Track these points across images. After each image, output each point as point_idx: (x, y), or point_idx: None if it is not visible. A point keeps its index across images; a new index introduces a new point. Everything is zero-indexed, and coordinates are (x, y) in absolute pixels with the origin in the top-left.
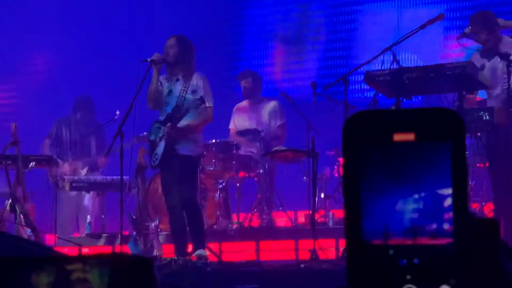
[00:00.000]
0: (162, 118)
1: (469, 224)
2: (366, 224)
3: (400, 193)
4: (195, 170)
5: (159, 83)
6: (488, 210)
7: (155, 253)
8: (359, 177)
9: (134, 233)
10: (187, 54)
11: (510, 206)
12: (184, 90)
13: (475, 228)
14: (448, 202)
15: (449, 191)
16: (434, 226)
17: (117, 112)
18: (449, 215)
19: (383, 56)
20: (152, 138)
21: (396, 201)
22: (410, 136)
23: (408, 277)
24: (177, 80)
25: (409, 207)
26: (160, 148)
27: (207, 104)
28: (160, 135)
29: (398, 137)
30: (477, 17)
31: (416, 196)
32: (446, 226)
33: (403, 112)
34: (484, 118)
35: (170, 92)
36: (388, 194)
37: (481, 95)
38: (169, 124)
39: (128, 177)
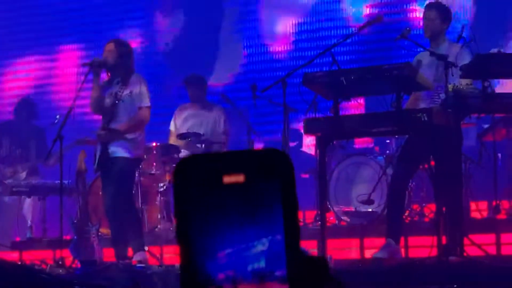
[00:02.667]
0: (104, 121)
1: (301, 265)
2: (206, 268)
3: (237, 235)
4: (132, 172)
5: (100, 88)
6: (428, 211)
7: (96, 256)
8: (194, 221)
9: (75, 237)
10: (125, 58)
11: (450, 207)
12: (120, 92)
13: (306, 267)
14: (281, 243)
15: (281, 232)
16: (280, 270)
17: (57, 116)
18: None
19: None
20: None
21: (235, 244)
22: (240, 178)
23: None
24: (117, 83)
25: (251, 250)
26: (98, 151)
27: (143, 105)
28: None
29: (227, 179)
30: (435, 6)
31: (254, 238)
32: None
33: (232, 154)
34: (423, 119)
35: (110, 95)
36: (226, 237)
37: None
38: (101, 126)
39: (69, 181)
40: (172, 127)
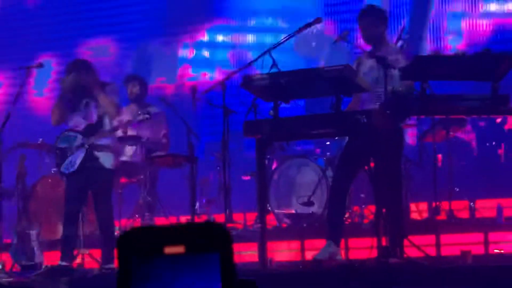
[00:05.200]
0: (78, 128)
1: None
2: None
3: None
4: (111, 181)
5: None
6: (368, 213)
7: (36, 260)
8: None
9: (15, 241)
10: (89, 75)
11: (390, 209)
12: (98, 107)
13: None
14: None
15: None
16: None
17: None
18: None
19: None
20: (63, 145)
21: None
22: (180, 249)
23: None
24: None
25: None
26: (77, 156)
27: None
28: (77, 144)
29: (169, 249)
30: (369, 11)
31: None
32: None
33: (174, 226)
34: (362, 121)
35: (88, 104)
36: None
37: None
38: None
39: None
40: None
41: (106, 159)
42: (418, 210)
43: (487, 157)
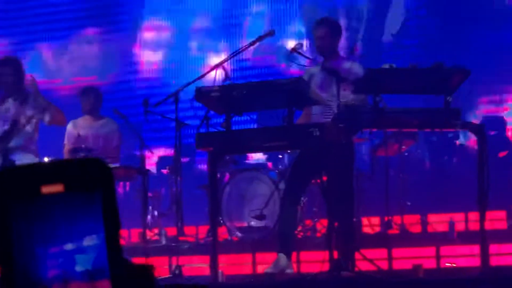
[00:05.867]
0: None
1: (122, 267)
2: (32, 272)
3: (61, 240)
4: None
5: None
6: (321, 226)
7: None
8: (15, 230)
9: None
10: (21, 76)
11: (342, 222)
12: (21, 106)
13: (130, 272)
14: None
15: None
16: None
17: None
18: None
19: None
20: None
21: (61, 248)
22: (59, 187)
23: None
24: (14, 99)
25: (78, 252)
26: None
27: (47, 118)
28: None
29: (46, 189)
30: (324, 23)
31: (79, 242)
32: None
33: (51, 164)
34: (315, 134)
35: (6, 111)
36: (50, 243)
37: None
38: (9, 139)
39: None
40: (65, 141)
41: (22, 160)
42: (370, 224)
43: (439, 171)
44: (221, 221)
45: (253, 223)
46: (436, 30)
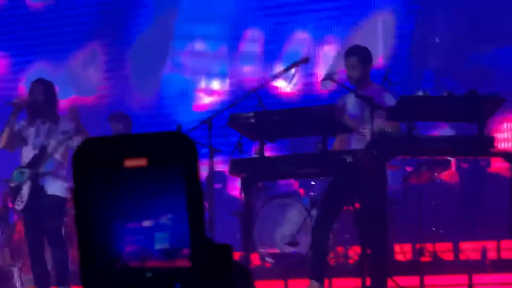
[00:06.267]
0: (26, 160)
1: (204, 247)
2: (111, 247)
3: (141, 216)
4: (62, 210)
5: (15, 125)
6: (353, 253)
7: None
8: (95, 203)
9: None
10: (51, 98)
11: (374, 249)
12: (51, 130)
13: (211, 251)
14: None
15: (185, 214)
16: (185, 249)
17: None
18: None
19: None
20: (14, 184)
21: (140, 224)
22: (142, 162)
23: None
24: (44, 122)
25: (156, 230)
26: (25, 191)
27: (75, 143)
28: (25, 178)
29: (129, 162)
30: (354, 52)
31: (159, 219)
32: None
33: (135, 137)
34: (348, 161)
35: (37, 135)
36: (129, 218)
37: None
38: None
39: None
40: None
41: (52, 186)
42: (402, 251)
43: (471, 198)
44: (254, 247)
45: (286, 249)
46: (470, 55)
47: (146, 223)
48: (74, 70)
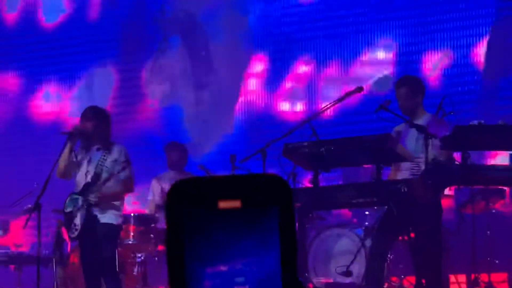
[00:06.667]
0: (79, 188)
1: None
2: None
3: (231, 259)
4: (115, 239)
5: (73, 153)
6: (408, 283)
7: None
8: (186, 244)
9: None
10: (104, 125)
11: (429, 280)
12: (104, 159)
13: None
14: (278, 269)
15: (277, 257)
16: None
17: (35, 184)
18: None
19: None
20: (68, 210)
21: (228, 268)
22: (236, 203)
23: None
24: (97, 149)
25: (246, 274)
26: (78, 218)
27: (127, 174)
28: (78, 206)
29: (223, 204)
30: (405, 82)
31: (249, 262)
32: None
33: (230, 178)
34: (403, 190)
35: (89, 161)
36: (219, 262)
37: None
38: (91, 192)
39: (46, 251)
40: (150, 196)
41: (105, 215)
42: (457, 282)
43: None
44: (307, 277)
45: (340, 279)
46: None
47: (235, 269)
48: (86, 89)
